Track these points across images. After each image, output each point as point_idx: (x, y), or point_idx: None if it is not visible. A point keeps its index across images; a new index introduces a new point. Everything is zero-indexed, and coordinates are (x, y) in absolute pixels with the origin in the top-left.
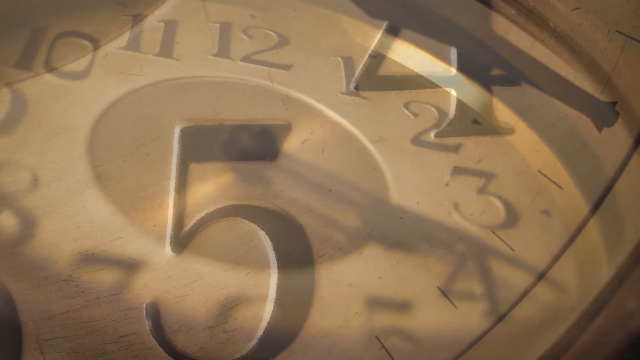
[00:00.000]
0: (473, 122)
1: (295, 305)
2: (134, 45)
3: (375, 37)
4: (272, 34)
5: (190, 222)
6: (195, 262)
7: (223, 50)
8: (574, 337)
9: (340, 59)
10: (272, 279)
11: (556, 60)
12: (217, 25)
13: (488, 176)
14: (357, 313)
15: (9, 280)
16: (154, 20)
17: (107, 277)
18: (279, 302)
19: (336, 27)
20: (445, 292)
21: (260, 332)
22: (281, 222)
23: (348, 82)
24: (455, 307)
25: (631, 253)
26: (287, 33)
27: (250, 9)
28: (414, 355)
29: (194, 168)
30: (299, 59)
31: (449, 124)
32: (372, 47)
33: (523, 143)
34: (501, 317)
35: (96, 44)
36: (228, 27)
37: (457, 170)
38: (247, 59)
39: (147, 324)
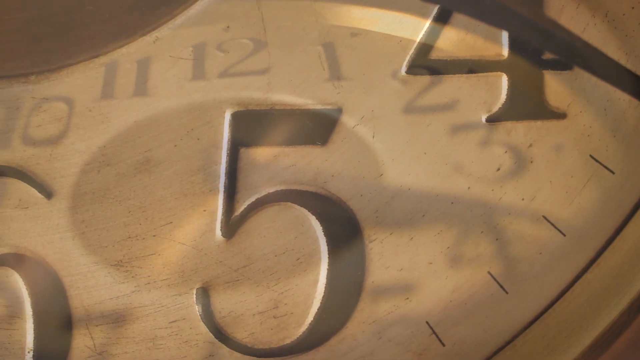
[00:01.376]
0: (524, 107)
1: (345, 290)
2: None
3: (426, 21)
4: None
5: (240, 207)
6: (246, 248)
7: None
8: (625, 322)
9: (392, 42)
10: (323, 264)
11: (608, 44)
12: None
13: (539, 160)
14: (407, 298)
15: (59, 265)
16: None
17: (157, 263)
18: (329, 288)
19: (389, 9)
20: (496, 277)
21: (310, 317)
22: (332, 207)
23: (400, 66)
24: (506, 292)
25: None
26: None
27: None
28: (464, 341)
29: (245, 153)
30: (353, 42)
31: (500, 108)
32: (423, 31)
33: (575, 127)
34: (552, 302)
35: (145, 30)
36: None
37: (508, 155)
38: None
39: (197, 310)
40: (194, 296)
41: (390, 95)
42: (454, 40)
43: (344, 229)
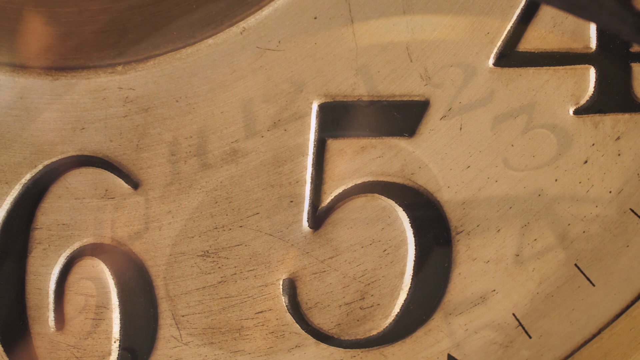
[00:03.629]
0: (612, 99)
1: (432, 282)
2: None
3: (514, 13)
4: None
5: (327, 199)
6: (332, 239)
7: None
8: None
9: (479, 35)
10: (409, 255)
11: None
12: None
13: (626, 153)
14: (494, 290)
15: (145, 256)
16: None
17: (243, 253)
18: (415, 279)
19: (475, 2)
20: (582, 270)
21: (397, 309)
22: (418, 198)
23: (487, 58)
24: (593, 284)
25: None
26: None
27: None
28: (550, 333)
29: (332, 144)
30: (440, 34)
31: (587, 101)
32: (511, 23)
33: None
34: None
35: (232, 21)
36: None
37: (595, 147)
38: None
39: (283, 300)
40: (281, 287)
41: (477, 87)
42: (542, 32)
43: (430, 220)
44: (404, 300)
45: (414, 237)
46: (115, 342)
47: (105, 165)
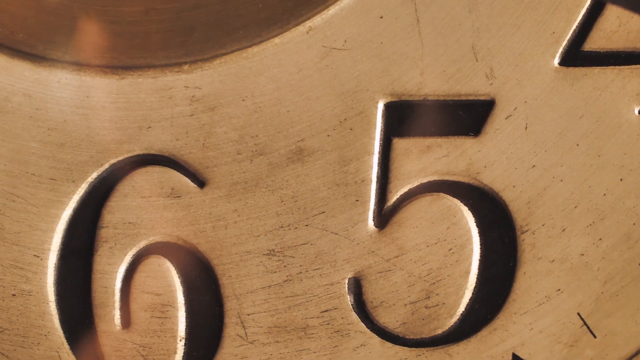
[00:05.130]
0: None
1: (497, 281)
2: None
3: (580, 12)
4: None
5: (393, 197)
6: (398, 238)
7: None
8: None
9: (545, 34)
10: (475, 254)
11: None
12: None
13: None
14: (559, 290)
15: (211, 254)
16: None
17: (309, 252)
18: (481, 278)
19: (541, 2)
20: None
21: (462, 308)
22: (484, 198)
23: (552, 58)
24: None
25: None
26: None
27: None
28: (615, 333)
29: (397, 143)
30: (505, 33)
31: None
32: (576, 23)
33: None
34: None
35: (298, 20)
36: None
37: None
38: None
39: (348, 299)
40: (346, 286)
41: (542, 86)
42: (608, 31)
43: (496, 219)
44: (469, 299)
45: (479, 236)
46: (180, 340)
47: (172, 164)
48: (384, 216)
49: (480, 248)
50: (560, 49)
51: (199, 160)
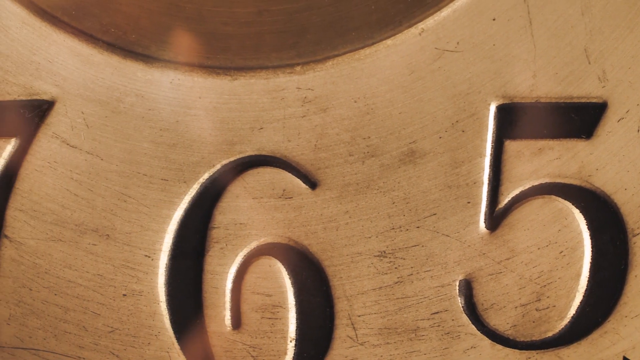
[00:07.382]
0: None
1: (608, 284)
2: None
3: None
4: None
5: (504, 200)
6: (509, 240)
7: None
8: None
9: None
10: (586, 257)
11: None
12: None
13: None
14: None
15: (322, 256)
16: None
17: (420, 254)
18: (592, 281)
19: None
20: None
21: (572, 310)
22: (595, 200)
23: None
24: None
25: None
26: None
27: None
28: None
29: (509, 145)
30: (618, 36)
31: None
32: None
33: None
34: None
35: (410, 22)
36: None
37: None
38: None
39: (459, 301)
40: (457, 288)
41: None
42: None
43: (607, 222)
44: (580, 302)
45: (591, 239)
46: (291, 341)
47: (283, 165)
48: (496, 218)
49: (592, 251)
50: None
51: (310, 161)
